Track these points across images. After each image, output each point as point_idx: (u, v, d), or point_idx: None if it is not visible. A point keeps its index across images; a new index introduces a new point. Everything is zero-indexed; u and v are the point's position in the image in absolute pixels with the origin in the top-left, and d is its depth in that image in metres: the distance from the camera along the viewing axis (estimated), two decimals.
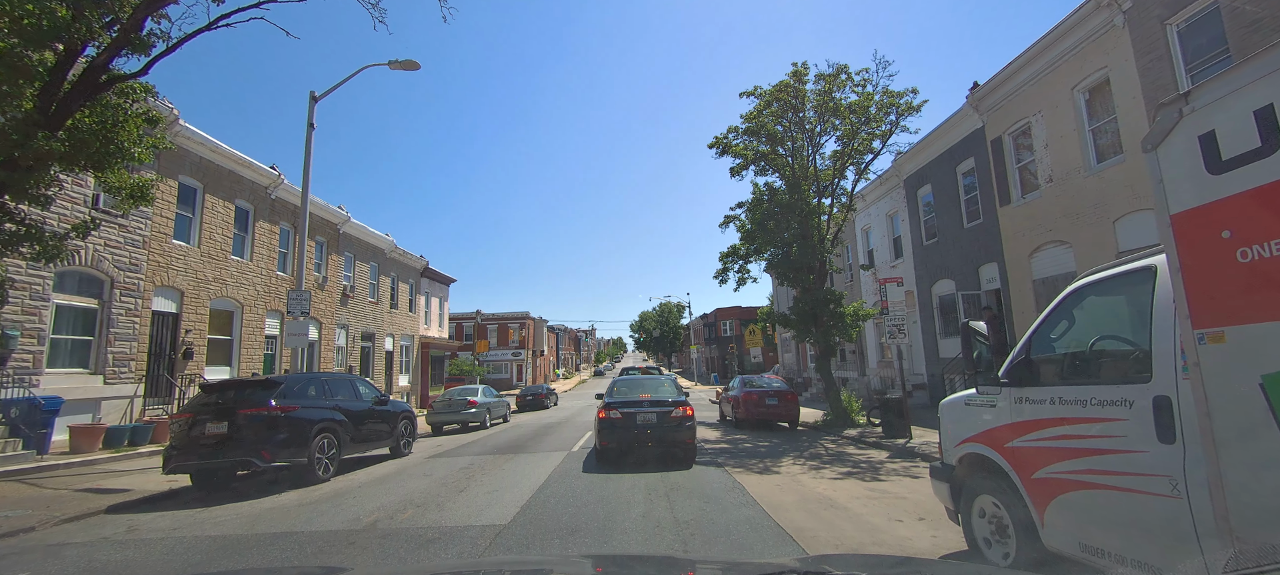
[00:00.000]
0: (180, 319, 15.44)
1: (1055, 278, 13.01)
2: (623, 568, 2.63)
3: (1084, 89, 12.26)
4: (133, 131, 8.12)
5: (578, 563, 3.08)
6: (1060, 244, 12.86)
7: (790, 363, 35.50)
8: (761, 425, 16.05)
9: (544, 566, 2.98)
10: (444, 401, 18.69)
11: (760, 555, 4.97)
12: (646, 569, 2.62)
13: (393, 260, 28.51)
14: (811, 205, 15.51)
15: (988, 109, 14.94)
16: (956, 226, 16.69)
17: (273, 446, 8.59)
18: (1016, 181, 14.33)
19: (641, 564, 2.85)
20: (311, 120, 14.27)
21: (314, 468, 9.05)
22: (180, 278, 15.43)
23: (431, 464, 10.84)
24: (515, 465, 10.18)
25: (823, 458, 10.41)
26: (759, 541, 5.34)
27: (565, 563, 3.24)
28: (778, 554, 4.97)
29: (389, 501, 7.48)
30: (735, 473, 8.78)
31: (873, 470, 8.93)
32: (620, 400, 10.27)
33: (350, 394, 10.83)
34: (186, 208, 15.93)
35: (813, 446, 12.14)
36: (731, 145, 16.77)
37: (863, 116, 14.53)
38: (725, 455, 10.85)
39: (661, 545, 5.25)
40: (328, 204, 22.21)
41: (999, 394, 3.95)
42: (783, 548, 5.15)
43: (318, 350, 21.56)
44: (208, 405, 8.86)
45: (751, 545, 5.25)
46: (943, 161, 17.25)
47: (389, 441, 11.82)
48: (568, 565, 2.92)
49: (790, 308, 17.14)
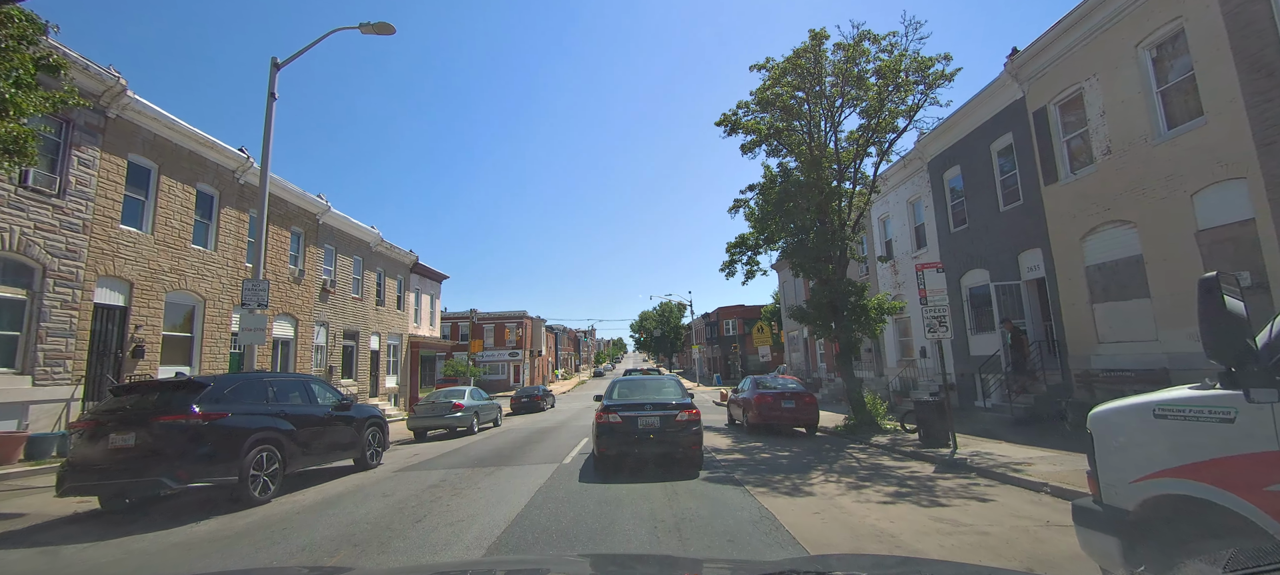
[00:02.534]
0: (129, 313, 13.85)
1: (1116, 263, 11.42)
2: (622, 567, 2.61)
3: (1150, 45, 10.67)
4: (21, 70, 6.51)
5: (576, 562, 3.11)
6: (1121, 224, 11.26)
7: (798, 362, 33.88)
8: (775, 430, 14.47)
9: (542, 566, 3.00)
10: (427, 405, 17.10)
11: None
12: (647, 569, 2.58)
13: (379, 255, 26.93)
14: (832, 186, 13.93)
15: (1029, 77, 13.35)
16: (991, 210, 15.10)
17: (192, 463, 7.00)
18: (1064, 156, 12.74)
19: (642, 564, 2.82)
20: (272, 89, 12.72)
21: (248, 487, 7.46)
22: (130, 267, 13.84)
23: (397, 480, 9.25)
24: (494, 482, 8.59)
25: (858, 472, 8.81)
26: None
27: (563, 563, 3.24)
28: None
29: (325, 535, 5.90)
30: (759, 494, 7.19)
31: (925, 490, 7.33)
32: (620, 403, 9.46)
33: (303, 398, 9.24)
34: (138, 189, 14.34)
35: (840, 456, 10.55)
36: (741, 122, 15.18)
37: (893, 82, 12.91)
38: (743, 469, 9.24)
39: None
40: (305, 192, 20.63)
41: (1246, 401, 2.35)
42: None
43: (293, 349, 19.98)
44: (115, 412, 7.28)
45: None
46: (974, 139, 15.65)
47: (353, 452, 10.23)
48: (566, 565, 2.93)
49: (807, 300, 15.58)
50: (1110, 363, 11.40)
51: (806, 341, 31.89)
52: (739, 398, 16.19)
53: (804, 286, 30.52)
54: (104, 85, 12.98)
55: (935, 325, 10.41)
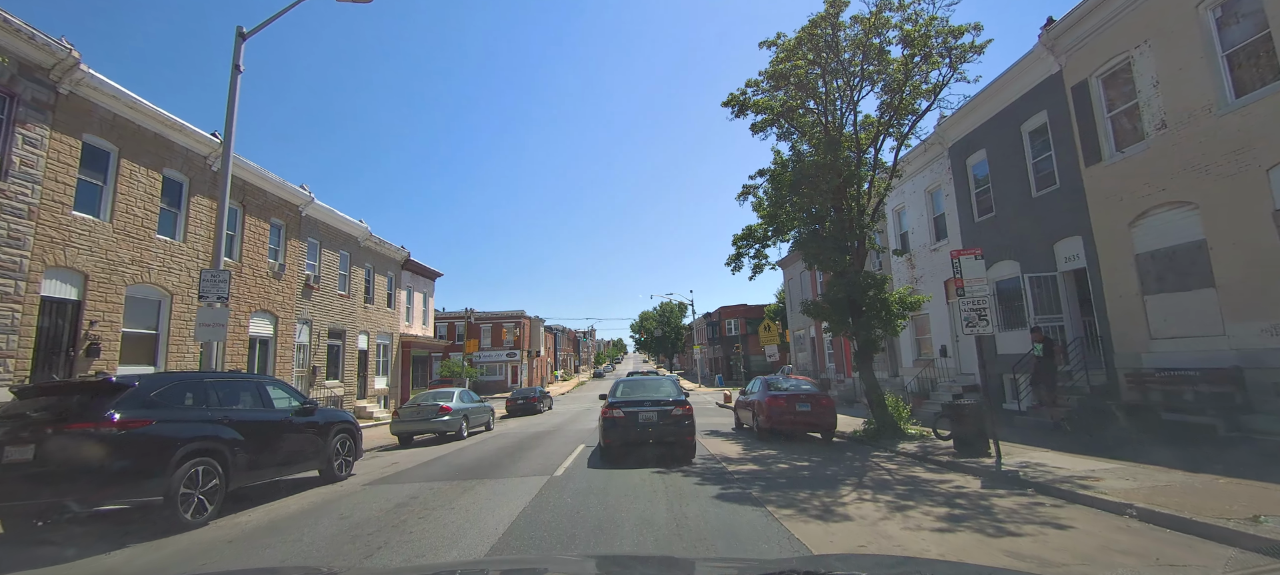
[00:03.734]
0: (83, 307, 12.67)
1: (1172, 250, 10.23)
2: (622, 567, 2.63)
3: (1214, 4, 9.50)
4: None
5: (575, 562, 3.21)
6: (1179, 205, 10.08)
7: (804, 362, 32.67)
8: (787, 435, 13.27)
9: (539, 565, 3.11)
10: (411, 408, 15.90)
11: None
12: (647, 569, 2.58)
13: (368, 250, 25.75)
14: (851, 169, 12.74)
15: (1067, 49, 12.17)
16: (1022, 197, 13.91)
17: (104, 481, 5.83)
18: (1108, 134, 11.55)
19: (641, 564, 2.83)
20: (237, 61, 11.55)
21: (177, 508, 6.28)
22: (84, 258, 12.67)
23: (363, 496, 8.07)
24: (472, 501, 7.40)
25: (894, 487, 7.62)
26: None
27: (562, 563, 3.30)
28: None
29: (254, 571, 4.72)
30: (785, 518, 5.99)
31: (982, 511, 6.14)
32: (624, 400, 10.78)
33: (255, 401, 8.06)
34: (95, 173, 13.16)
35: (867, 467, 9.36)
36: (750, 101, 14.00)
37: (921, 50, 11.72)
38: (759, 483, 8.05)
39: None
40: (286, 182, 19.43)
41: None
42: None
43: (272, 349, 18.79)
44: (16, 419, 6.10)
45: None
46: (1002, 120, 14.46)
47: (317, 462, 9.06)
48: (565, 565, 2.96)
49: (822, 294, 14.40)
50: (1166, 361, 10.22)
51: (814, 340, 30.70)
52: (748, 400, 15.00)
53: (811, 283, 29.33)
54: (54, 58, 11.80)
55: (974, 318, 9.23)
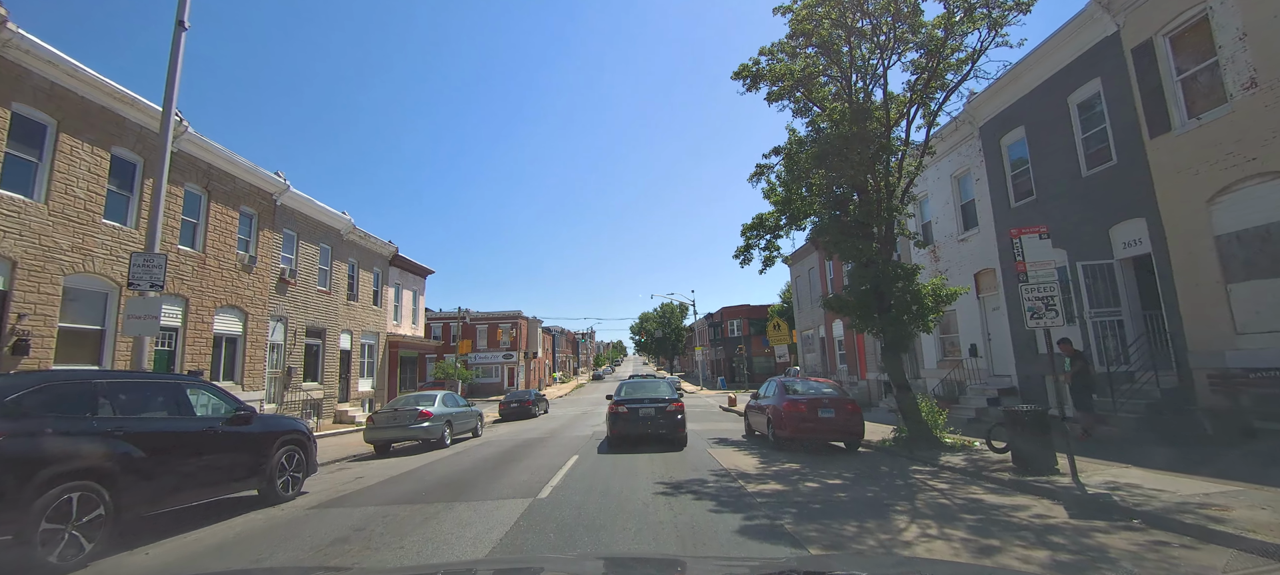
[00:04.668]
0: (9, 299, 11.17)
1: (1265, 230, 8.73)
2: (622, 568, 2.60)
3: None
4: None
5: (575, 562, 3.24)
6: (1273, 177, 8.59)
7: (813, 363, 31.13)
8: (804, 443, 11.76)
9: (537, 565, 3.07)
10: (387, 413, 14.38)
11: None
12: (646, 569, 2.58)
13: (352, 244, 24.24)
14: (884, 141, 11.26)
15: (1127, 5, 10.69)
16: (1069, 177, 12.42)
17: None
18: (1178, 100, 10.07)
19: (641, 565, 2.81)
20: (182, 16, 10.12)
21: (37, 549, 4.78)
22: (12, 242, 11.17)
23: (303, 524, 6.55)
24: (431, 533, 5.88)
25: (959, 516, 6.11)
26: None
27: (561, 563, 3.34)
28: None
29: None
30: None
31: (1099, 555, 4.63)
32: (627, 398, 12.98)
33: (168, 407, 6.55)
34: (27, 148, 11.67)
35: (911, 485, 7.85)
36: (764, 71, 12.51)
37: (963, 5, 10.24)
38: (790, 511, 6.50)
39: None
40: (258, 167, 17.93)
41: None
42: None
43: (241, 348, 17.29)
44: None
45: None
46: (1045, 92, 12.98)
47: (254, 481, 7.55)
48: (563, 565, 3.00)
49: (846, 286, 12.92)
50: (1258, 359, 8.72)
51: (823, 340, 29.19)
52: (760, 404, 13.48)
53: (822, 278, 27.83)
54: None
55: (1041, 309, 7.73)
